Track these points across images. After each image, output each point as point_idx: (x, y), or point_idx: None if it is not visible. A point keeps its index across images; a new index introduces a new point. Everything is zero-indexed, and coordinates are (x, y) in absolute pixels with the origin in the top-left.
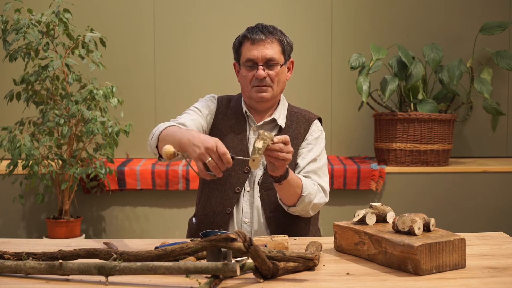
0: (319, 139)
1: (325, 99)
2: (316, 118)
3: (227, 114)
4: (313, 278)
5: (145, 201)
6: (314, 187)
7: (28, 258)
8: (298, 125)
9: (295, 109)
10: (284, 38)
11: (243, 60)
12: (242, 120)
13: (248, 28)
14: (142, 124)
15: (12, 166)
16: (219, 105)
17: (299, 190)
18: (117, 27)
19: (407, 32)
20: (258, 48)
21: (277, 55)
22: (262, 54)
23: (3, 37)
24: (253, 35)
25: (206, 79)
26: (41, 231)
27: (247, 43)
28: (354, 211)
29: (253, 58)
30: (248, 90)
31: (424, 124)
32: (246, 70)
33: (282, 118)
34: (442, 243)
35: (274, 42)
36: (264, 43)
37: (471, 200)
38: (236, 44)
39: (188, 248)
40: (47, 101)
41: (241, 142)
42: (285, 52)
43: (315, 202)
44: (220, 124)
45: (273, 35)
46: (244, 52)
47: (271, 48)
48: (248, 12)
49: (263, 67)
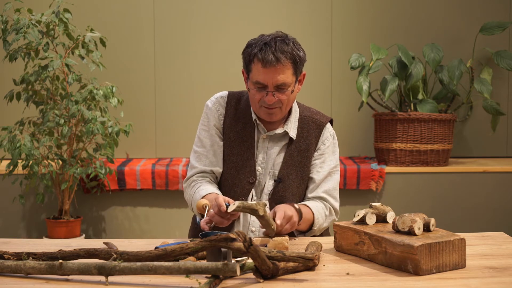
0: (330, 148)
1: (325, 99)
2: (328, 122)
3: (235, 117)
4: (313, 278)
5: (145, 201)
6: (324, 212)
7: (28, 258)
8: (309, 133)
9: (306, 113)
10: (297, 54)
11: (252, 80)
12: (250, 126)
13: (260, 41)
14: (142, 124)
15: (12, 166)
16: (228, 107)
17: (310, 224)
18: (117, 27)
19: (407, 32)
20: (269, 73)
21: (289, 79)
22: (273, 80)
23: (3, 37)
24: (265, 56)
25: (206, 79)
26: (41, 231)
27: (258, 63)
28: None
29: (263, 82)
30: (256, 108)
31: (424, 124)
32: (255, 90)
33: (294, 128)
34: (442, 243)
35: (286, 65)
36: (275, 68)
37: (471, 200)
38: (246, 59)
39: (188, 248)
40: (47, 101)
41: (248, 150)
42: (297, 70)
43: (323, 227)
44: (227, 129)
45: (285, 55)
46: (254, 73)
47: (283, 73)
48: (248, 12)
49: (273, 92)
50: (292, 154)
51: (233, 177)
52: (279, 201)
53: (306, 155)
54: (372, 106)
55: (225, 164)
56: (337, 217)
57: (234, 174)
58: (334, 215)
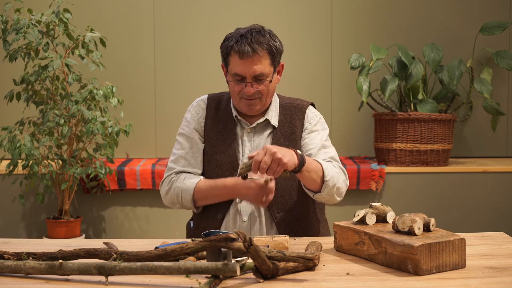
0: (318, 125)
1: (325, 99)
2: (309, 104)
3: (216, 118)
4: (313, 278)
5: (145, 201)
6: (335, 169)
7: (28, 258)
8: (292, 117)
9: (286, 100)
10: (273, 44)
11: (231, 72)
12: (231, 124)
13: (236, 34)
14: (142, 124)
15: (12, 166)
16: (208, 109)
17: (321, 174)
18: (117, 27)
19: (407, 32)
20: (246, 64)
21: (266, 69)
22: (250, 71)
23: (3, 37)
24: (241, 48)
25: (206, 79)
26: (41, 231)
27: (235, 56)
28: (354, 211)
29: (241, 73)
30: (237, 100)
31: (424, 124)
32: (234, 83)
33: (275, 117)
34: (442, 243)
35: (263, 55)
36: (252, 59)
37: (471, 200)
38: (224, 52)
39: (188, 248)
40: (47, 101)
41: (230, 147)
42: (275, 60)
43: (338, 186)
44: (209, 130)
45: (261, 46)
46: (232, 65)
47: (260, 63)
48: (248, 12)
49: (251, 83)
50: (278, 140)
51: (218, 175)
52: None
53: (293, 138)
54: (372, 106)
55: (210, 164)
56: (347, 180)
57: (220, 172)
58: (344, 176)
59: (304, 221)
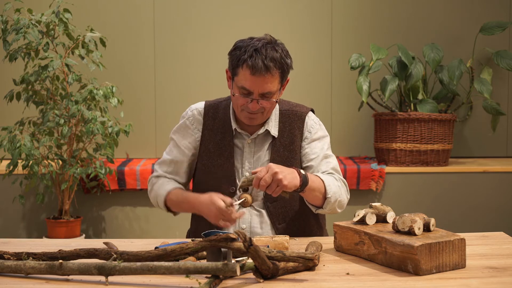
0: (318, 133)
1: (325, 99)
2: (309, 111)
3: (213, 129)
4: (313, 278)
5: (145, 201)
6: (336, 183)
7: (28, 258)
8: (292, 126)
9: (285, 106)
10: (285, 62)
11: (238, 84)
12: (229, 135)
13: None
14: (142, 124)
15: (12, 166)
16: (206, 119)
17: (323, 191)
18: (117, 27)
19: (407, 32)
20: (257, 81)
21: (275, 88)
22: (260, 89)
23: (3, 37)
24: (255, 64)
25: (206, 79)
26: (41, 231)
27: (246, 69)
28: (354, 211)
29: (249, 89)
30: (238, 111)
31: (424, 124)
32: (239, 95)
33: (275, 126)
34: (442, 243)
35: (275, 74)
36: (264, 77)
37: (471, 200)
38: (234, 62)
39: (188, 248)
40: (47, 101)
41: (228, 160)
42: (284, 78)
43: (340, 199)
44: (206, 141)
45: (275, 64)
46: (241, 77)
47: (271, 83)
48: (248, 12)
49: (257, 100)
50: (278, 151)
51: (215, 188)
52: (274, 200)
53: (292, 148)
54: (372, 106)
55: (207, 176)
56: (348, 192)
57: (217, 185)
58: (345, 188)
59: (306, 232)
